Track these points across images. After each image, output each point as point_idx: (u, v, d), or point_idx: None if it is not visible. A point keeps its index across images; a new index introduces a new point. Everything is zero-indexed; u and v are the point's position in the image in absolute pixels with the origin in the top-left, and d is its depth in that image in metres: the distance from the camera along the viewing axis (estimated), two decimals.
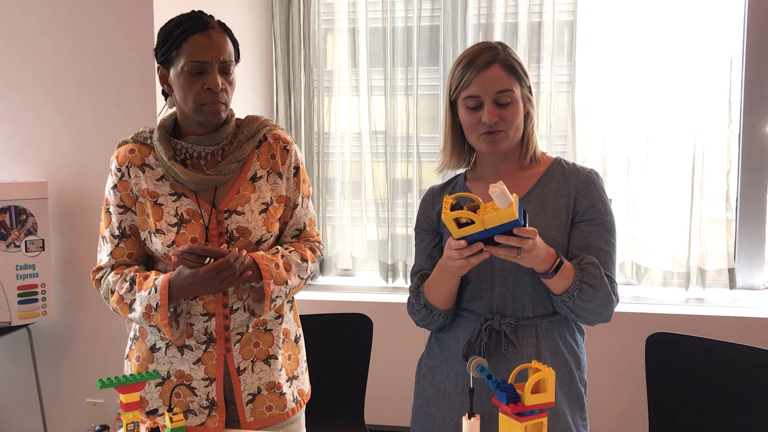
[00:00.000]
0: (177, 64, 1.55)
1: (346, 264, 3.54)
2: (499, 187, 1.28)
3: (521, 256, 1.35)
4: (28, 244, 2.77)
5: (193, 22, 1.54)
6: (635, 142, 3.16)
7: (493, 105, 1.49)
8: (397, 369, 2.92)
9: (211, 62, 1.53)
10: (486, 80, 1.48)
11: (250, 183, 1.64)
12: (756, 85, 3.04)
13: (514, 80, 1.50)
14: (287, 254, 1.64)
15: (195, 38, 1.53)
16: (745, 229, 3.11)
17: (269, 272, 1.57)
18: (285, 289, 1.61)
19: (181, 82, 1.55)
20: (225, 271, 1.49)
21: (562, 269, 1.43)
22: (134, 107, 2.79)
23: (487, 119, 1.48)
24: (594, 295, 1.46)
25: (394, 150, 3.39)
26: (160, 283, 1.53)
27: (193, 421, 1.63)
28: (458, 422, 1.50)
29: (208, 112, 1.56)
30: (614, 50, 3.13)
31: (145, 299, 1.54)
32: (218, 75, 1.54)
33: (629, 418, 2.96)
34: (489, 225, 1.31)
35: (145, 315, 1.55)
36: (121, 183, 1.63)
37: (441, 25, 3.31)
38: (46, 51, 2.86)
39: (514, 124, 1.51)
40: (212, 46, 1.53)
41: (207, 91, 1.53)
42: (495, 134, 1.50)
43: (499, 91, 1.48)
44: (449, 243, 1.38)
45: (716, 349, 2.02)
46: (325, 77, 3.46)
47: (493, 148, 1.52)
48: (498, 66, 1.49)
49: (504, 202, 1.29)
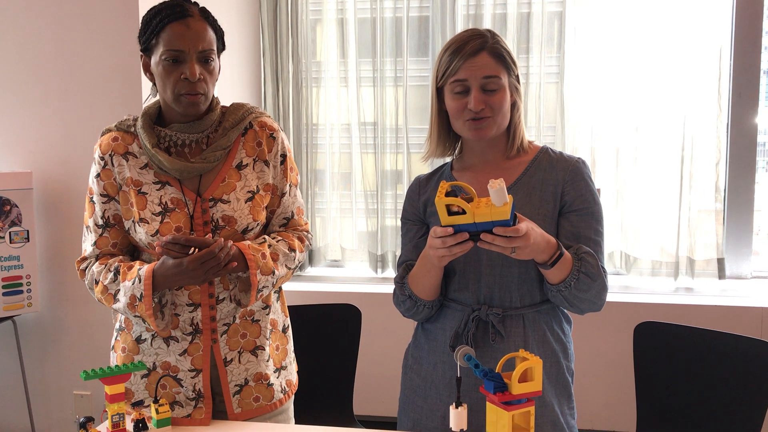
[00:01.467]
0: (156, 53, 1.53)
1: (335, 255, 3.53)
2: (499, 184, 1.27)
3: (515, 253, 1.34)
4: (12, 235, 2.74)
5: (171, 10, 1.51)
6: (624, 132, 3.16)
7: (479, 91, 1.47)
8: (385, 359, 2.91)
9: (188, 51, 1.50)
10: (474, 66, 1.47)
11: (235, 171, 1.62)
12: (744, 75, 3.04)
13: (502, 68, 1.49)
14: (274, 244, 1.63)
15: (173, 27, 1.50)
16: (733, 219, 3.12)
17: (255, 262, 1.55)
18: (272, 279, 1.59)
19: (160, 71, 1.53)
20: (209, 261, 1.47)
21: (562, 260, 1.42)
22: (119, 97, 2.77)
23: (473, 105, 1.47)
24: (590, 284, 1.46)
25: (384, 141, 3.38)
26: (144, 273, 1.51)
27: (180, 413, 1.62)
28: (445, 412, 1.50)
29: (186, 103, 1.53)
30: (603, 41, 3.13)
31: (129, 289, 1.52)
32: (197, 64, 1.51)
33: (617, 407, 2.97)
34: (479, 219, 1.31)
35: (129, 305, 1.53)
36: (105, 172, 1.61)
37: (430, 15, 3.30)
38: (30, 41, 2.82)
39: (501, 111, 1.50)
40: (190, 35, 1.50)
41: (184, 81, 1.51)
42: (481, 121, 1.49)
43: (486, 77, 1.47)
44: (434, 230, 1.37)
45: (704, 337, 2.02)
46: (314, 68, 3.44)
47: (479, 135, 1.51)
48: (486, 53, 1.48)
49: (500, 200, 1.29)
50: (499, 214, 1.29)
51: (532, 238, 1.34)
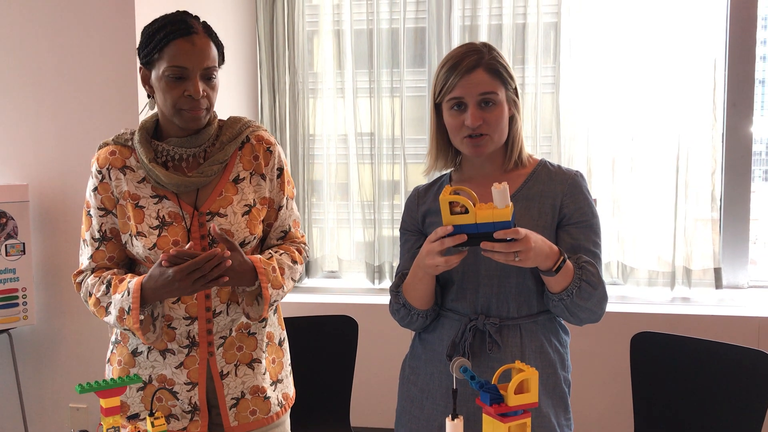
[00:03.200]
0: (159, 68, 1.52)
1: (332, 266, 3.53)
2: (503, 186, 1.30)
3: (519, 259, 1.34)
4: (8, 248, 2.74)
5: (176, 26, 1.51)
6: (620, 142, 3.17)
7: (476, 108, 1.48)
8: (382, 370, 2.91)
9: (192, 69, 1.50)
10: (470, 83, 1.47)
11: (232, 185, 1.62)
12: (739, 85, 3.06)
13: (498, 83, 1.50)
14: (279, 258, 1.63)
15: (177, 43, 1.49)
16: (730, 228, 3.13)
17: (266, 276, 1.55)
18: (281, 293, 1.60)
19: (162, 86, 1.53)
20: (195, 272, 1.44)
21: (564, 267, 1.43)
22: (116, 110, 2.77)
23: (470, 122, 1.48)
24: (592, 293, 1.46)
25: (381, 151, 3.39)
26: (133, 287, 1.50)
27: (175, 426, 1.61)
28: (442, 423, 1.50)
29: (188, 118, 1.54)
30: (599, 51, 3.14)
31: (119, 302, 1.52)
32: (200, 81, 1.51)
33: (614, 418, 2.97)
34: (481, 220, 1.32)
35: (118, 318, 1.52)
36: (102, 185, 1.61)
37: (426, 26, 3.32)
38: (27, 54, 2.82)
39: (499, 127, 1.50)
40: (195, 52, 1.50)
41: (187, 98, 1.51)
42: (479, 138, 1.49)
43: (482, 93, 1.48)
44: (436, 231, 1.37)
45: (701, 347, 2.03)
46: (310, 79, 3.44)
47: (477, 152, 1.52)
48: (482, 70, 1.48)
49: (502, 202, 1.31)
50: (501, 216, 1.31)
51: (533, 242, 1.34)
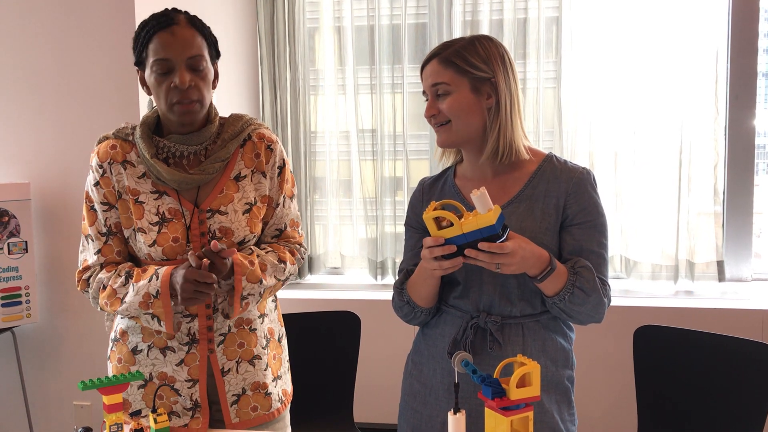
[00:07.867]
0: (148, 65, 1.53)
1: (335, 262, 3.53)
2: (481, 191, 1.32)
3: (500, 269, 1.37)
4: (10, 246, 2.74)
5: (157, 20, 1.51)
6: (622, 136, 3.16)
7: (433, 98, 1.53)
8: (385, 366, 2.90)
9: (175, 59, 1.49)
10: (425, 76, 1.54)
11: (233, 182, 1.62)
12: (741, 78, 3.04)
13: (453, 72, 1.50)
14: (263, 255, 1.62)
15: (159, 36, 1.50)
16: (733, 221, 3.12)
17: (242, 267, 1.54)
18: (259, 288, 1.58)
19: (152, 82, 1.53)
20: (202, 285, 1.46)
21: (553, 274, 1.43)
22: (117, 108, 2.77)
23: (425, 113, 1.55)
24: (585, 299, 1.46)
25: (382, 148, 3.38)
26: (162, 272, 1.51)
27: (177, 422, 1.61)
28: (444, 418, 1.49)
29: (180, 112, 1.53)
30: (600, 45, 3.13)
31: (144, 288, 1.51)
32: (186, 71, 1.50)
33: (617, 411, 2.96)
34: (467, 229, 1.34)
35: (142, 303, 1.51)
36: (104, 179, 1.60)
37: (427, 22, 3.31)
38: (27, 52, 2.83)
39: (457, 115, 1.51)
40: (176, 42, 1.49)
41: (175, 89, 1.50)
42: (440, 127, 1.54)
43: (434, 84, 1.52)
44: (425, 241, 1.40)
45: (705, 341, 2.02)
46: (312, 75, 3.44)
47: (439, 141, 1.56)
48: (435, 61, 1.52)
49: (483, 207, 1.32)
50: (485, 221, 1.32)
51: (519, 256, 1.36)
